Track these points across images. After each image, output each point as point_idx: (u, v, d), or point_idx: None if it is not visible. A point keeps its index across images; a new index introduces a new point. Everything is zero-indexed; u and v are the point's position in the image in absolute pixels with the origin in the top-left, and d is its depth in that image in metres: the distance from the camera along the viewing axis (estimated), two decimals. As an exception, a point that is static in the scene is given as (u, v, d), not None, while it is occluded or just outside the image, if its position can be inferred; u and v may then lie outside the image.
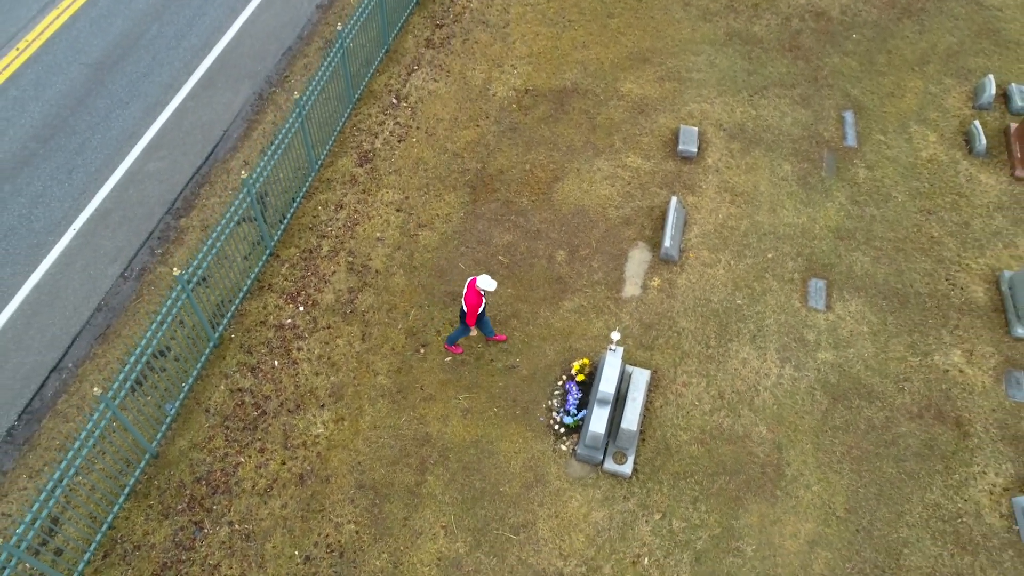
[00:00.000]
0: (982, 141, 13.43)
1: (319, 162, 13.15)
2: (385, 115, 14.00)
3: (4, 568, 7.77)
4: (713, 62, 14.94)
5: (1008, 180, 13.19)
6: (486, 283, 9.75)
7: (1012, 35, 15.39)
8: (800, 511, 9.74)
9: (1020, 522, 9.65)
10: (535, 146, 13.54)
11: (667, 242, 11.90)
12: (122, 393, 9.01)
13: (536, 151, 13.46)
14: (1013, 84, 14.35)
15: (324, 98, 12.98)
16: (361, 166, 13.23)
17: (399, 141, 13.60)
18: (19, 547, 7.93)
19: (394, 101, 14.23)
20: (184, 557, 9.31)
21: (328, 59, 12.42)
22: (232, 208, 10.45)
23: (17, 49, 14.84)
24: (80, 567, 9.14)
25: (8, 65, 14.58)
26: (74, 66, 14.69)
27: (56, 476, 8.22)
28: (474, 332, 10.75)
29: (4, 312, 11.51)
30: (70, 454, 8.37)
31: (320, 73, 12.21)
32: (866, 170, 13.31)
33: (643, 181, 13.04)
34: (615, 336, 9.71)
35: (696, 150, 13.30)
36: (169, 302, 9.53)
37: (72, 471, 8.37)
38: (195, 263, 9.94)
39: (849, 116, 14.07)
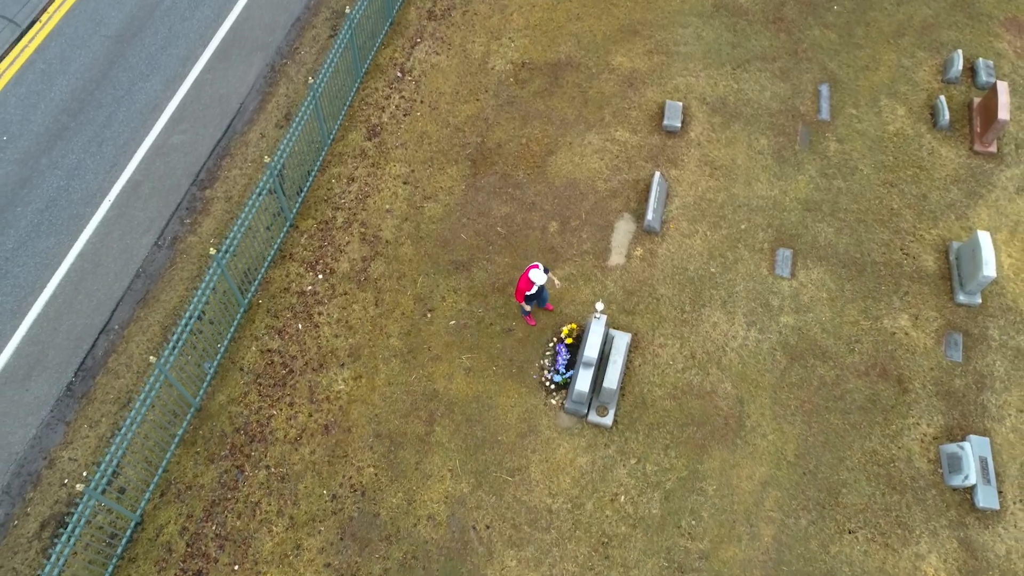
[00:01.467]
0: (946, 116, 14.46)
1: (331, 136, 14.21)
2: (391, 89, 14.97)
3: (86, 508, 9.33)
4: (700, 35, 15.78)
5: (967, 154, 14.30)
6: (537, 276, 10.97)
7: (985, 8, 16.17)
8: (756, 457, 11.33)
9: (944, 466, 11.26)
10: (531, 120, 14.58)
11: (650, 215, 13.12)
12: (171, 359, 10.42)
13: (531, 125, 14.51)
14: (980, 59, 15.26)
15: (334, 72, 13.90)
16: (370, 140, 14.31)
17: (404, 115, 14.63)
18: (97, 490, 9.48)
19: (399, 75, 15.16)
20: (229, 496, 10.93)
21: (337, 42, 13.32)
22: (257, 191, 11.63)
23: (40, 22, 15.64)
24: (142, 504, 10.77)
25: (33, 38, 15.42)
26: (95, 39, 15.53)
27: (122, 431, 9.71)
28: (528, 308, 11.92)
29: (54, 279, 12.83)
30: (132, 412, 9.84)
31: (331, 57, 13.14)
32: (837, 143, 14.39)
33: (630, 155, 14.15)
34: (599, 306, 11.10)
35: (680, 125, 14.35)
36: (207, 279, 10.83)
37: (135, 426, 9.85)
38: (227, 242, 11.19)
39: (825, 89, 15.04)
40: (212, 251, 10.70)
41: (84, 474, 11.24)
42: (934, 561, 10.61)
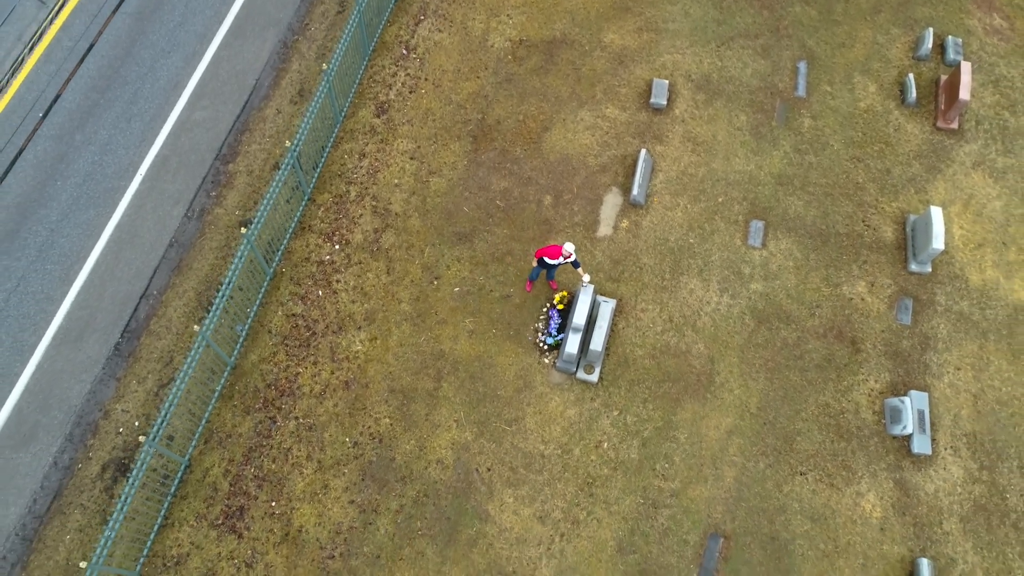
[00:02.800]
0: (913, 93, 15.56)
1: (342, 112, 15.34)
2: (397, 66, 16.00)
3: (147, 456, 10.95)
4: (687, 12, 16.70)
5: (930, 130, 15.47)
6: (569, 248, 12.30)
7: (959, -16, 17.03)
8: (723, 409, 12.95)
9: (887, 417, 12.89)
10: (527, 97, 15.67)
11: (635, 190, 14.39)
12: (211, 326, 11.89)
13: (528, 102, 15.62)
14: (950, 36, 16.25)
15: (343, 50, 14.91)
16: (378, 116, 15.44)
17: (410, 92, 15.72)
18: (155, 440, 11.09)
19: (404, 52, 16.17)
20: (264, 443, 12.59)
21: (348, 25, 14.31)
22: (279, 174, 12.88)
23: (64, -2, 16.53)
24: (190, 450, 12.44)
25: (59, 13, 16.33)
26: (117, 16, 16.44)
27: (173, 391, 11.26)
28: (540, 270, 13.27)
29: (96, 248, 14.19)
30: (180, 373, 11.37)
31: (342, 40, 14.15)
32: (811, 120, 15.54)
33: (619, 131, 15.32)
34: (586, 278, 12.53)
35: (666, 102, 15.46)
36: (239, 255, 12.21)
37: (183, 385, 11.39)
38: (255, 222, 12.51)
39: (803, 67, 16.08)
40: (243, 230, 12.05)
41: (136, 424, 12.87)
42: (872, 498, 12.35)
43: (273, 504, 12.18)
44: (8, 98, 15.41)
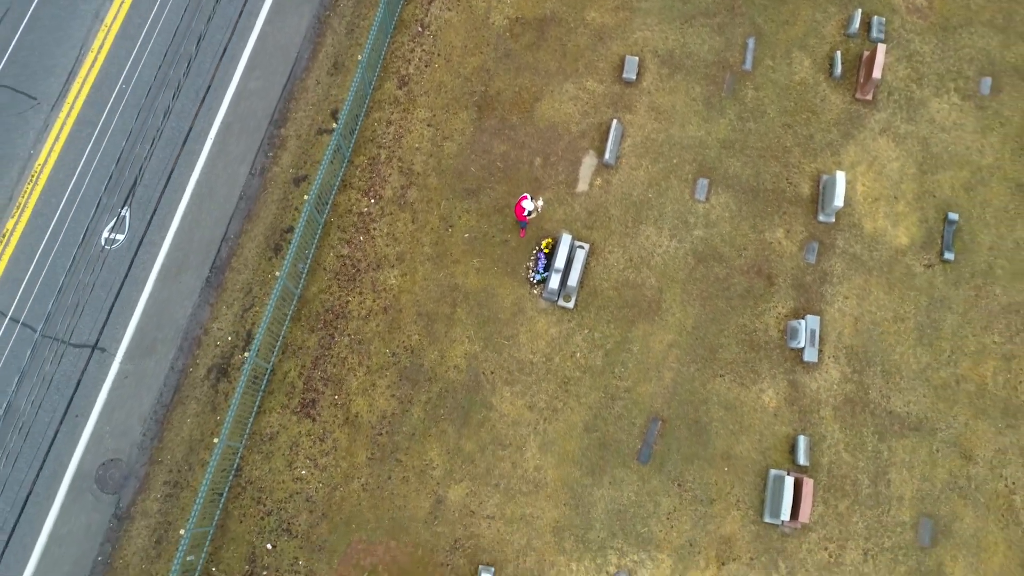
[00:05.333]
0: (839, 68, 18.96)
1: (371, 85, 18.76)
2: (414, 43, 19.24)
3: (248, 368, 15.36)
4: (658, -9, 19.74)
5: (850, 100, 19.00)
6: (528, 204, 16.37)
7: (890, -34, 19.95)
8: (666, 328, 17.36)
9: (788, 335, 17.33)
10: (523, 71, 19.05)
11: (607, 154, 18.13)
12: (286, 270, 16.01)
13: (523, 75, 19.01)
14: (875, 16, 19.42)
15: (369, 28, 18.08)
16: (400, 88, 18.88)
17: (426, 66, 19.07)
18: (252, 356, 15.48)
19: (419, 29, 19.35)
20: (326, 354, 17.05)
21: (379, 11, 17.50)
22: (330, 145, 16.59)
23: (129, -22, 19.45)
24: (272, 359, 16.92)
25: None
26: (175, -6, 19.46)
27: (264, 319, 15.54)
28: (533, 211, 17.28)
29: (183, 201, 18.07)
30: (268, 307, 15.61)
31: (374, 26, 17.40)
32: (754, 91, 19.03)
33: (596, 102, 18.84)
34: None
35: (635, 76, 18.87)
36: (303, 217, 16.14)
37: (268, 316, 15.65)
38: (313, 191, 16.34)
39: (751, 43, 19.35)
40: (305, 197, 15.95)
41: (228, 339, 17.26)
42: (771, 394, 17.00)
43: (336, 397, 16.80)
44: (96, 71, 18.77)
